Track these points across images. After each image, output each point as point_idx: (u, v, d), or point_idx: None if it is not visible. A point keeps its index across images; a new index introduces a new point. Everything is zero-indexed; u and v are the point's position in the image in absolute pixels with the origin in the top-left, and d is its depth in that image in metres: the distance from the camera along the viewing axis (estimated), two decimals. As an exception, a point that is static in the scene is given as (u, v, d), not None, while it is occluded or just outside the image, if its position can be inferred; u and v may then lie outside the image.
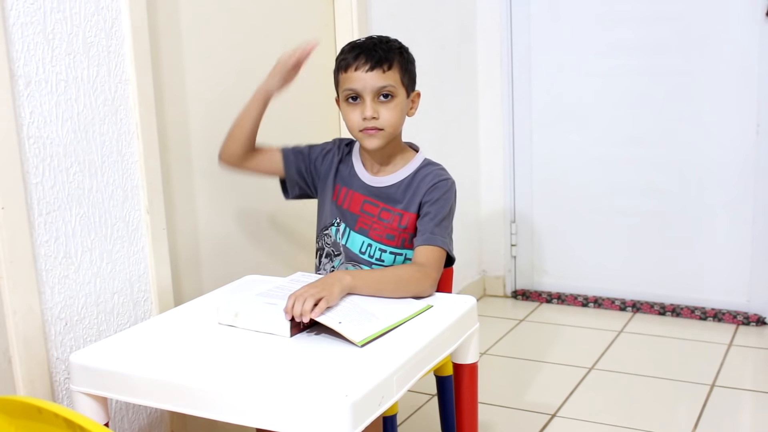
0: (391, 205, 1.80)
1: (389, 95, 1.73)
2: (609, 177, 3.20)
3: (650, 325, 3.05)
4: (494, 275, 3.47)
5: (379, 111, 1.73)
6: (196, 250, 2.06)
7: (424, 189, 1.78)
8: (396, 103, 1.74)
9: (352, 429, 1.20)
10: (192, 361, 1.39)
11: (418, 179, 1.79)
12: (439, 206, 1.76)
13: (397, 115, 1.75)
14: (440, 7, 3.05)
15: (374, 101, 1.73)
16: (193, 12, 2.01)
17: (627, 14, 3.07)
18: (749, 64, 2.89)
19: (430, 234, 1.73)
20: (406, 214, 1.78)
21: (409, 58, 1.80)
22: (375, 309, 1.53)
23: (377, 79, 1.72)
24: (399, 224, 1.78)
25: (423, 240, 1.73)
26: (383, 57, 1.73)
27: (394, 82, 1.73)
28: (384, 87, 1.72)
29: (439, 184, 1.78)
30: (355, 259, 1.81)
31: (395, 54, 1.75)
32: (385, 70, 1.72)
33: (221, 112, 2.12)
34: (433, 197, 1.77)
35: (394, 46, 1.78)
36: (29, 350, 1.55)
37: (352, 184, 1.83)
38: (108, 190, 1.71)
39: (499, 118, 3.33)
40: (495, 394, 2.51)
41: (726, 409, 2.38)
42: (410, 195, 1.79)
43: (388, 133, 1.75)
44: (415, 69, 1.82)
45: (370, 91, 1.72)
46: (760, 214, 2.96)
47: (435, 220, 1.75)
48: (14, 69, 1.50)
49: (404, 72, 1.76)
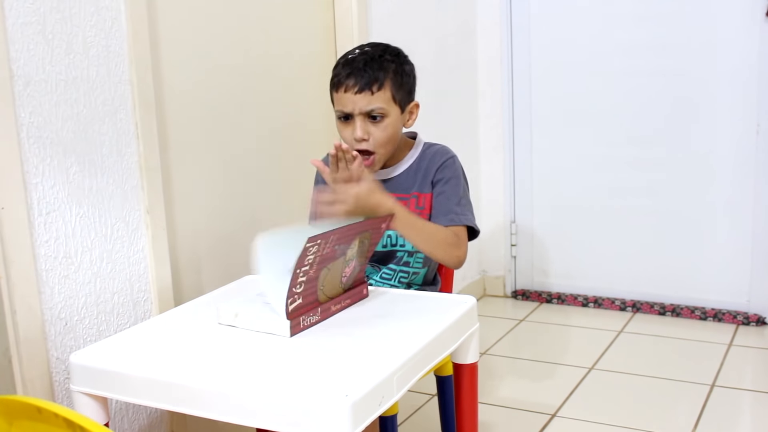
0: (403, 192, 1.82)
1: (379, 116, 1.73)
2: (609, 177, 3.20)
3: (650, 325, 3.05)
4: (494, 275, 3.47)
5: (370, 131, 1.74)
6: (196, 250, 2.06)
7: (434, 168, 1.80)
8: (387, 123, 1.74)
9: (352, 429, 1.20)
10: (192, 361, 1.39)
11: (425, 161, 1.82)
12: (453, 184, 1.79)
13: (389, 134, 1.75)
14: (440, 7, 3.05)
15: (364, 122, 1.73)
16: (193, 12, 2.01)
17: (627, 14, 3.07)
18: (749, 64, 2.89)
19: (454, 214, 1.76)
20: (422, 195, 1.80)
21: (404, 71, 1.77)
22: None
23: (366, 101, 1.72)
24: (416, 206, 1.80)
25: (449, 220, 1.75)
26: (372, 78, 1.71)
27: (383, 103, 1.72)
28: (373, 110, 1.72)
29: (447, 162, 1.80)
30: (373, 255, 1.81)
31: (387, 72, 1.73)
32: (375, 91, 1.72)
33: (221, 112, 2.13)
34: (446, 176, 1.79)
35: (386, 60, 1.75)
36: (29, 350, 1.55)
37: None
38: (108, 190, 1.71)
39: (499, 118, 3.33)
40: (495, 394, 2.51)
41: (726, 409, 2.38)
42: (421, 177, 1.81)
43: (381, 155, 1.77)
44: (412, 80, 1.80)
45: (359, 113, 1.73)
46: (760, 213, 2.96)
47: (454, 199, 1.77)
48: (14, 69, 1.50)
49: (397, 88, 1.74)
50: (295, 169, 2.34)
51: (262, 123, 2.27)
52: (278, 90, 2.32)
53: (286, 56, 2.35)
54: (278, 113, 2.34)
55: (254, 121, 2.24)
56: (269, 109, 2.30)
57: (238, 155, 2.18)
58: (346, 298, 1.59)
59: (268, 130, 2.30)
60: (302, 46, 2.41)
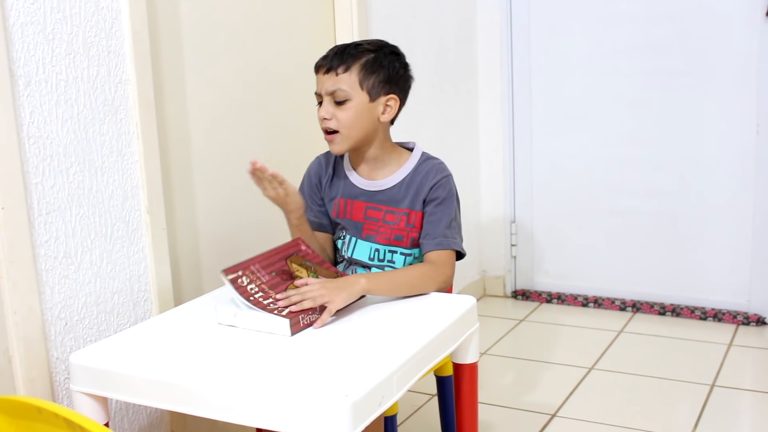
0: (393, 206, 1.80)
1: (342, 99, 1.73)
2: (609, 177, 3.20)
3: (650, 325, 3.05)
4: (494, 275, 3.47)
5: (334, 113, 1.74)
6: (196, 250, 2.06)
7: (427, 186, 1.78)
8: (349, 106, 1.73)
9: (352, 429, 1.20)
10: (192, 361, 1.39)
11: (419, 176, 1.80)
12: (445, 206, 1.77)
13: (352, 118, 1.74)
14: (440, 7, 3.05)
15: (330, 103, 1.74)
16: (193, 12, 2.01)
17: (627, 14, 3.07)
18: (749, 64, 2.89)
19: (442, 238, 1.75)
20: (413, 212, 1.79)
21: (381, 62, 1.75)
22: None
23: (329, 82, 1.74)
24: (407, 224, 1.79)
25: (436, 244, 1.75)
26: (339, 61, 1.73)
27: (347, 86, 1.73)
28: (335, 91, 1.73)
29: (441, 182, 1.79)
30: (364, 266, 1.81)
31: (358, 58, 1.74)
32: (339, 73, 1.73)
33: (221, 112, 2.13)
34: (439, 196, 1.77)
35: (364, 49, 1.75)
36: (29, 350, 1.55)
37: (350, 193, 1.83)
38: (108, 190, 1.71)
39: (499, 118, 3.33)
40: (495, 394, 2.51)
41: (726, 409, 2.38)
42: (413, 192, 1.79)
43: (345, 136, 1.75)
44: (392, 72, 1.77)
45: (325, 93, 1.75)
46: (760, 214, 2.96)
47: (444, 222, 1.77)
48: (14, 69, 1.50)
49: (366, 75, 1.74)
50: (295, 169, 2.34)
51: (262, 123, 2.27)
52: (278, 90, 2.32)
53: (286, 56, 2.35)
54: (278, 113, 2.34)
55: (254, 120, 2.24)
56: (269, 109, 2.30)
57: (238, 155, 2.18)
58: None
59: (268, 130, 2.30)
60: (302, 46, 2.40)
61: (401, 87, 1.80)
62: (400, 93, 1.79)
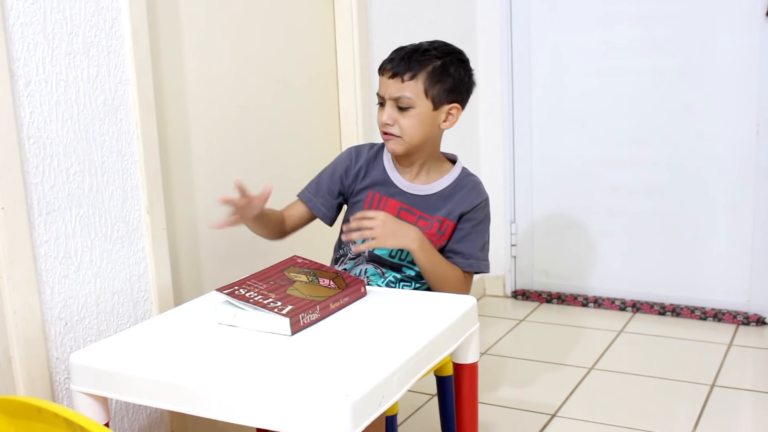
0: (429, 214, 1.81)
1: (406, 106, 1.73)
2: (609, 177, 3.20)
3: (650, 325, 3.05)
4: (494, 275, 3.47)
5: (397, 119, 1.74)
6: (196, 250, 2.06)
7: (466, 204, 1.81)
8: (413, 114, 1.73)
9: (353, 429, 1.20)
10: (192, 361, 1.39)
11: (459, 191, 1.82)
12: (481, 228, 1.83)
13: (415, 126, 1.74)
14: (440, 7, 3.05)
15: (393, 108, 1.74)
16: (193, 12, 2.01)
17: (627, 14, 3.07)
18: (749, 64, 2.89)
19: (474, 260, 1.82)
20: (446, 221, 1.80)
21: (448, 70, 1.74)
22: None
23: (395, 88, 1.73)
24: (438, 230, 1.80)
25: (468, 265, 1.81)
26: (407, 66, 1.72)
27: (412, 93, 1.72)
28: (399, 97, 1.73)
29: (481, 204, 1.84)
30: (380, 262, 1.81)
31: (425, 65, 1.72)
32: (405, 80, 1.72)
33: (221, 112, 2.13)
34: (478, 218, 1.82)
35: (431, 55, 1.73)
36: (29, 350, 1.55)
37: (387, 190, 1.83)
38: (108, 190, 1.71)
39: (499, 118, 3.33)
40: (495, 394, 2.51)
41: (726, 409, 2.38)
42: (451, 204, 1.81)
43: (406, 142, 1.76)
44: (457, 82, 1.76)
45: (389, 98, 1.74)
46: (760, 214, 2.96)
47: (478, 244, 1.82)
48: (14, 69, 1.50)
49: (432, 83, 1.73)
50: (295, 169, 2.34)
51: (262, 123, 2.27)
52: (278, 90, 2.32)
53: (286, 56, 2.35)
54: (278, 113, 2.34)
55: (254, 120, 2.24)
56: (269, 109, 2.30)
57: (238, 155, 2.18)
58: (344, 296, 1.60)
59: (268, 130, 2.30)
60: (302, 46, 2.41)
61: (465, 95, 1.80)
62: (463, 101, 1.80)
